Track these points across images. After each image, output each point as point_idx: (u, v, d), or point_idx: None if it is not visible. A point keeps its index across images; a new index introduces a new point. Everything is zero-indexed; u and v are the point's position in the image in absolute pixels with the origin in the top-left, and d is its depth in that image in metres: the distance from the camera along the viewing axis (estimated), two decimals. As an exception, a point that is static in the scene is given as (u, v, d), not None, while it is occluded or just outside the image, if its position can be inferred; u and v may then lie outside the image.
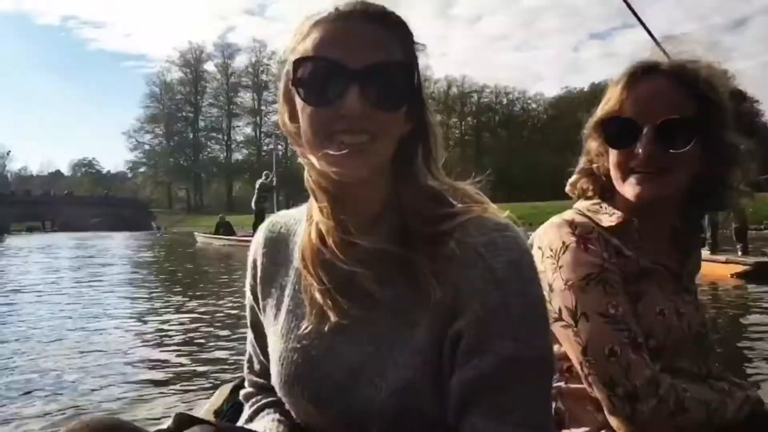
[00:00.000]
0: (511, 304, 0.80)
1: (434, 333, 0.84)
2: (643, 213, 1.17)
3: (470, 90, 76.15)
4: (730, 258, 8.00)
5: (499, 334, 0.80)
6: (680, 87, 1.12)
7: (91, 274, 11.23)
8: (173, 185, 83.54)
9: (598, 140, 1.21)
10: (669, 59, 1.16)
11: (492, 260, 0.82)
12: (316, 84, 0.82)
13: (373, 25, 0.83)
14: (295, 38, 0.87)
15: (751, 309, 5.66)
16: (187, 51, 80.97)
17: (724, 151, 1.14)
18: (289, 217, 1.05)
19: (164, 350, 4.46)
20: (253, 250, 1.07)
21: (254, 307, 1.06)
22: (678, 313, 1.17)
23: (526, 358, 0.80)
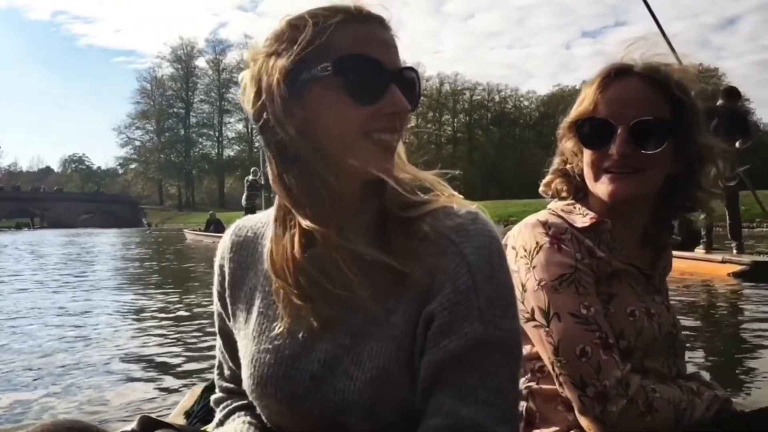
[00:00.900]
0: (481, 288, 0.83)
1: (410, 318, 0.85)
2: (615, 213, 1.18)
3: (462, 87, 76.31)
4: (726, 257, 7.96)
5: (468, 317, 0.82)
6: (653, 89, 1.13)
7: (76, 271, 11.17)
8: (164, 182, 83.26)
9: (572, 140, 1.22)
10: (677, 59, 1.18)
11: (463, 245, 0.84)
12: (362, 82, 0.84)
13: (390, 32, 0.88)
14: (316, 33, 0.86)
15: (749, 309, 5.65)
16: (179, 47, 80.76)
17: (696, 153, 1.16)
18: (256, 221, 1.05)
19: (148, 348, 4.43)
20: (219, 254, 1.06)
21: (222, 313, 1.06)
22: (649, 313, 1.18)
23: (493, 341, 0.82)
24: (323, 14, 0.85)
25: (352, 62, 0.83)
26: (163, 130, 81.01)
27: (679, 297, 6.22)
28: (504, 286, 0.85)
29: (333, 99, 0.83)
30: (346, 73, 0.83)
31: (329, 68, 0.83)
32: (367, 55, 0.83)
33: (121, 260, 14.59)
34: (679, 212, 1.24)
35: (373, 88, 0.84)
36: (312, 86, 0.84)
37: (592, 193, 1.20)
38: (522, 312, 1.14)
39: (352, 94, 0.83)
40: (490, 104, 77.10)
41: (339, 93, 0.83)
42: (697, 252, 8.44)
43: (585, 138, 1.18)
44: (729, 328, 4.98)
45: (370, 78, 0.83)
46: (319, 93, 0.84)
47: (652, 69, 1.15)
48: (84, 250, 18.83)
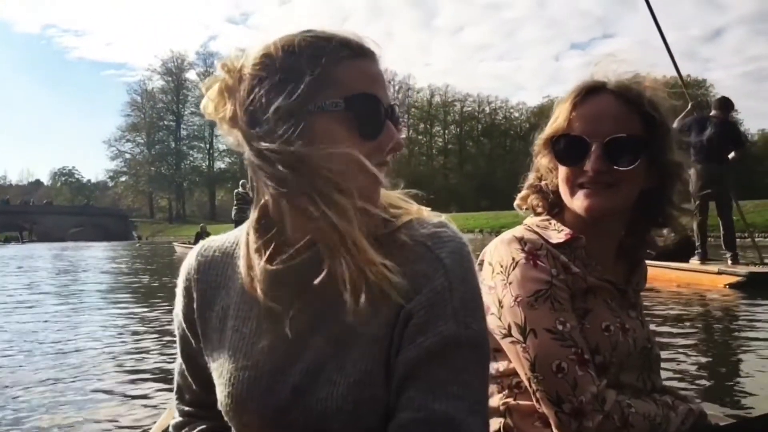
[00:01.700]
0: (455, 289, 0.87)
1: (389, 319, 0.88)
2: (591, 229, 1.20)
3: (453, 99, 76.81)
4: (722, 268, 7.90)
5: (443, 316, 0.86)
6: (626, 106, 1.15)
7: (62, 285, 11.10)
8: (155, 194, 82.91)
9: (547, 157, 1.24)
10: (676, 67, 1.20)
11: (438, 250, 0.89)
12: (368, 119, 0.89)
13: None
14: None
15: (743, 320, 5.62)
16: (169, 59, 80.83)
17: (667, 169, 1.18)
18: (223, 241, 1.05)
19: (134, 362, 4.40)
20: (184, 276, 1.04)
21: (187, 336, 1.04)
22: (624, 329, 1.19)
23: (464, 339, 0.85)
24: (327, 46, 0.88)
25: (362, 100, 0.87)
26: (154, 142, 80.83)
27: (675, 308, 6.21)
28: (474, 288, 0.90)
29: (341, 132, 0.86)
30: (355, 109, 0.87)
31: (341, 104, 0.86)
32: (373, 94, 0.88)
33: (107, 274, 14.47)
34: (652, 228, 1.25)
35: (376, 124, 0.89)
36: (318, 117, 0.86)
37: (568, 208, 1.21)
38: (499, 328, 1.15)
39: (359, 130, 0.87)
40: (481, 116, 77.59)
41: (347, 127, 0.87)
42: (692, 263, 8.39)
43: (560, 154, 1.19)
44: (721, 340, 4.96)
45: (375, 115, 0.89)
46: (325, 125, 0.86)
47: (625, 86, 1.16)
48: (70, 264, 18.70)
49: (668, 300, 6.85)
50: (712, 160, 8.14)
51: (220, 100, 0.92)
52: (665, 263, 8.59)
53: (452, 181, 71.93)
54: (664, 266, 8.59)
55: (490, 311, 1.16)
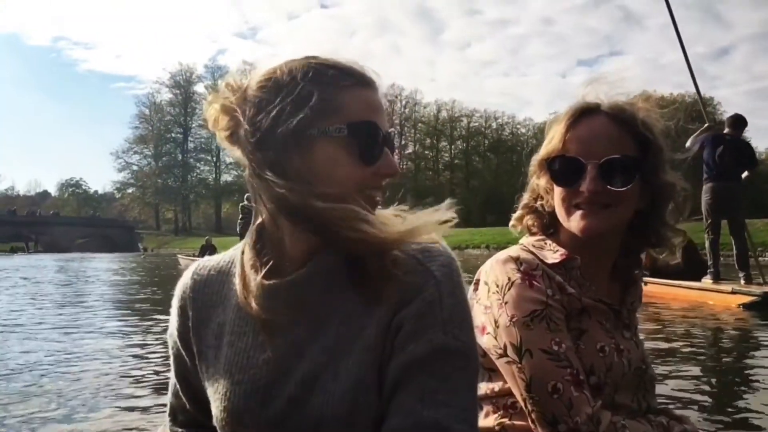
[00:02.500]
0: (445, 301, 0.90)
1: (381, 329, 0.90)
2: (586, 249, 1.20)
3: (460, 114, 76.94)
4: (736, 288, 7.69)
5: (432, 325, 0.88)
6: (619, 127, 1.16)
7: (64, 295, 11.10)
8: (161, 206, 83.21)
9: (543, 178, 1.25)
10: (695, 83, 1.21)
11: (429, 263, 0.93)
12: (369, 145, 0.93)
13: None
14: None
15: (758, 341, 5.49)
16: (177, 72, 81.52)
17: (660, 189, 1.19)
18: (218, 260, 1.07)
19: (131, 376, 4.36)
20: (179, 296, 1.07)
21: (182, 355, 1.06)
22: (618, 349, 1.19)
23: (453, 349, 0.88)
24: (331, 73, 0.92)
25: (364, 127, 0.91)
26: (161, 154, 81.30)
27: (686, 328, 6.10)
28: (463, 301, 0.93)
29: (340, 157, 0.90)
30: (358, 136, 0.90)
31: (344, 130, 0.89)
32: (374, 122, 0.92)
33: (109, 285, 14.49)
34: (645, 247, 1.26)
35: (375, 150, 0.92)
36: (320, 141, 0.90)
37: (563, 228, 1.22)
38: (495, 348, 1.15)
39: (359, 155, 0.91)
40: (488, 131, 77.69)
41: (346, 152, 0.90)
42: (704, 282, 8.24)
43: (556, 175, 1.20)
44: (732, 361, 4.86)
45: (374, 142, 0.92)
46: (327, 149, 0.90)
47: (619, 108, 1.18)
48: (73, 275, 18.73)
49: (680, 319, 6.73)
50: (725, 179, 8.03)
51: (222, 116, 0.95)
52: (677, 282, 8.46)
53: (458, 196, 71.65)
54: (676, 285, 8.45)
55: (486, 331, 1.16)
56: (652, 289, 8.98)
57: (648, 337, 5.72)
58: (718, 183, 8.06)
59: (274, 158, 0.90)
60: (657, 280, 8.83)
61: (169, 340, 1.08)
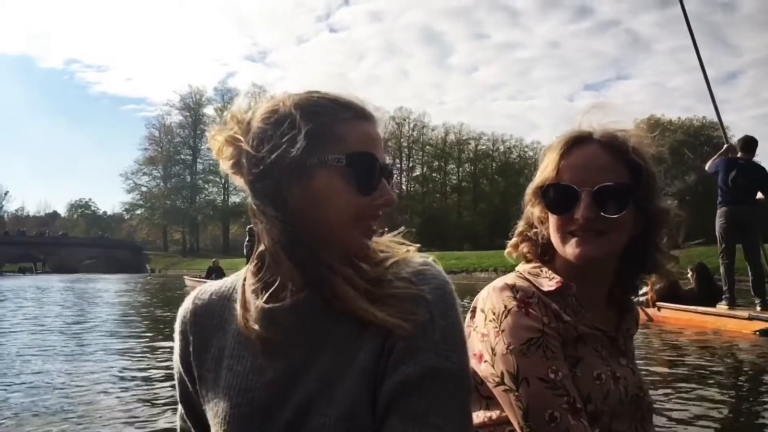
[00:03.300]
0: (437, 323, 0.92)
1: (374, 351, 0.92)
2: (582, 276, 1.21)
3: (467, 137, 77.07)
4: (753, 314, 7.51)
5: (424, 347, 0.90)
6: (612, 155, 1.18)
7: (65, 317, 11.03)
8: (169, 227, 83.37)
9: (538, 206, 1.26)
10: (715, 108, 1.15)
11: (421, 286, 0.95)
12: (366, 176, 0.96)
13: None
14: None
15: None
16: (188, 95, 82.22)
17: (654, 215, 1.20)
18: (220, 285, 1.10)
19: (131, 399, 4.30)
20: (180, 320, 1.09)
21: (184, 379, 1.08)
22: (615, 377, 1.19)
23: (445, 371, 0.90)
24: (332, 106, 0.96)
25: (362, 158, 0.94)
26: (170, 176, 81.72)
27: (703, 354, 5.93)
28: (456, 323, 0.94)
29: (339, 187, 0.93)
30: (355, 166, 0.94)
31: (343, 160, 0.93)
32: (372, 153, 0.95)
33: (113, 306, 14.46)
34: (641, 274, 1.27)
35: (372, 181, 0.96)
36: (319, 171, 0.93)
37: (559, 255, 1.23)
38: (492, 376, 1.15)
39: (357, 185, 0.94)
40: (495, 154, 77.74)
41: (345, 182, 0.93)
42: (719, 308, 8.07)
43: (550, 203, 1.21)
44: (749, 389, 4.74)
45: (372, 172, 0.96)
46: (325, 178, 0.93)
47: (611, 135, 1.19)
48: (77, 295, 18.76)
49: (695, 346, 6.55)
50: (739, 203, 7.91)
51: (226, 146, 0.98)
52: (692, 308, 8.28)
53: (466, 218, 71.82)
54: (691, 310, 8.27)
55: (483, 359, 1.16)
56: (667, 314, 8.80)
57: (663, 364, 5.56)
58: (732, 207, 7.93)
59: (275, 188, 0.93)
60: (672, 306, 8.66)
61: (174, 366, 1.10)
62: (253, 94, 1.02)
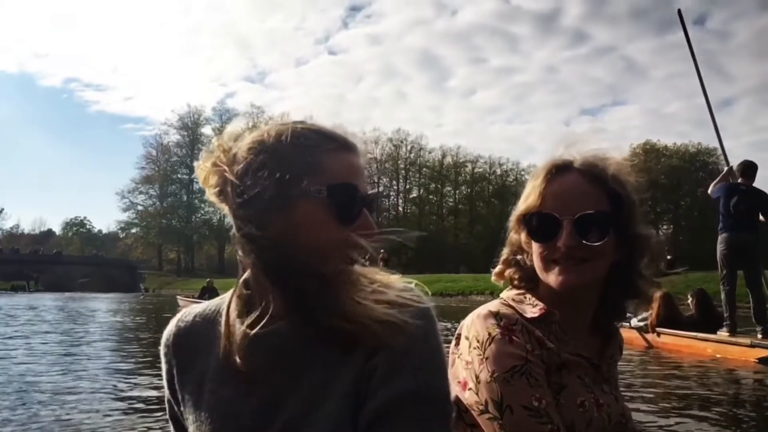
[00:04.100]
0: (416, 348, 0.94)
1: (356, 375, 0.93)
2: (565, 303, 1.22)
3: (464, 160, 77.30)
4: (756, 341, 7.45)
5: (404, 371, 0.92)
6: (592, 183, 1.19)
7: (48, 335, 10.90)
8: (164, 246, 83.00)
9: (521, 233, 1.27)
10: (717, 133, 1.16)
11: (403, 310, 0.96)
12: (347, 206, 0.98)
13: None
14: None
15: None
16: (186, 114, 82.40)
17: (635, 242, 1.21)
18: (204, 308, 1.11)
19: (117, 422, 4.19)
20: (164, 342, 1.10)
21: (171, 400, 1.09)
22: (598, 404, 1.20)
23: (424, 395, 0.91)
24: (315, 137, 0.97)
25: (343, 189, 0.96)
26: (166, 195, 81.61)
27: (704, 382, 5.81)
28: (435, 348, 0.96)
29: (320, 218, 0.95)
30: (336, 197, 0.95)
31: (324, 191, 0.94)
32: (353, 184, 0.97)
33: (101, 326, 14.26)
34: (624, 300, 1.27)
35: (353, 211, 0.97)
36: (301, 202, 0.94)
37: (542, 282, 1.23)
38: (477, 404, 1.15)
39: (338, 216, 0.95)
40: (492, 177, 77.92)
41: (326, 213, 0.95)
42: (720, 335, 7.99)
43: (533, 231, 1.23)
44: (750, 419, 4.65)
45: (353, 204, 0.97)
46: (307, 209, 0.95)
47: (590, 164, 1.21)
48: (67, 314, 18.53)
49: (696, 373, 6.43)
50: (740, 229, 7.87)
51: (212, 174, 1.00)
52: (693, 334, 8.18)
53: (462, 241, 71.73)
54: (692, 337, 8.16)
55: (467, 386, 1.16)
56: (667, 340, 8.70)
57: (663, 391, 5.45)
58: (733, 233, 7.89)
59: (257, 217, 0.95)
60: (672, 332, 8.56)
61: (164, 383, 1.11)
62: (251, 114, 1.04)
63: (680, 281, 17.46)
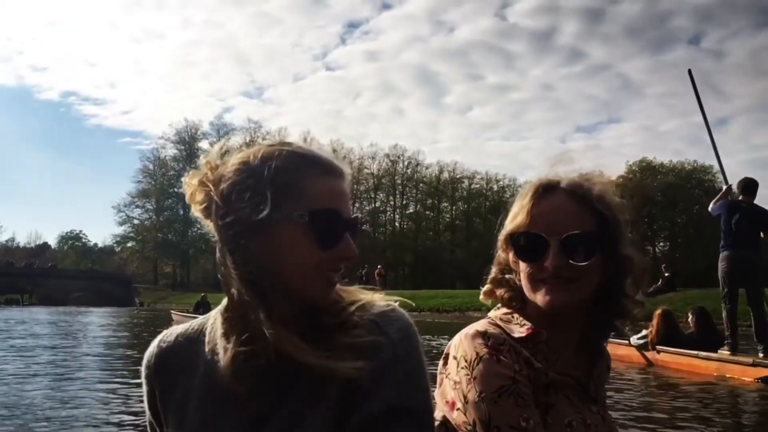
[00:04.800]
0: (400, 362, 0.97)
1: (341, 389, 0.95)
2: (552, 323, 1.22)
3: (461, 176, 77.37)
4: (758, 360, 7.38)
5: (387, 385, 0.95)
6: (578, 203, 1.20)
7: (33, 351, 10.78)
8: (160, 261, 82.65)
9: (509, 253, 1.27)
10: (717, 158, 1.18)
11: (386, 327, 1.00)
12: (328, 231, 0.99)
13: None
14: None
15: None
16: (183, 129, 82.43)
17: (620, 262, 1.22)
18: (187, 328, 1.11)
19: None
20: (145, 363, 1.10)
21: (153, 422, 1.09)
22: (585, 424, 1.20)
23: (406, 408, 0.94)
24: (300, 161, 0.98)
25: (324, 215, 0.97)
26: (163, 209, 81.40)
27: (706, 401, 5.70)
28: (418, 363, 0.99)
29: (301, 241, 0.96)
30: (318, 223, 0.96)
31: (306, 216, 0.96)
32: (336, 210, 0.99)
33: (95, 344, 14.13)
34: (611, 319, 1.27)
35: (334, 236, 0.99)
36: (283, 225, 0.96)
37: (530, 301, 1.24)
38: (465, 424, 1.15)
39: (318, 240, 0.96)
40: (489, 193, 77.95)
41: (307, 237, 0.96)
42: (721, 353, 7.90)
43: (520, 251, 1.23)
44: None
45: (334, 228, 0.99)
46: (288, 232, 0.96)
47: (576, 185, 1.22)
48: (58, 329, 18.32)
49: (697, 392, 6.31)
50: (741, 247, 7.79)
51: (199, 192, 1.01)
52: (694, 352, 8.08)
53: (459, 257, 71.56)
54: (693, 355, 8.06)
55: (456, 407, 1.16)
56: (667, 358, 8.60)
57: (664, 409, 5.34)
58: (734, 251, 7.82)
59: (239, 238, 0.96)
60: (672, 350, 8.47)
61: (145, 405, 1.11)
62: (249, 129, 1.01)
63: (678, 299, 17.36)
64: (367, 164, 74.86)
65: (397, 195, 76.46)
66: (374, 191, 75.23)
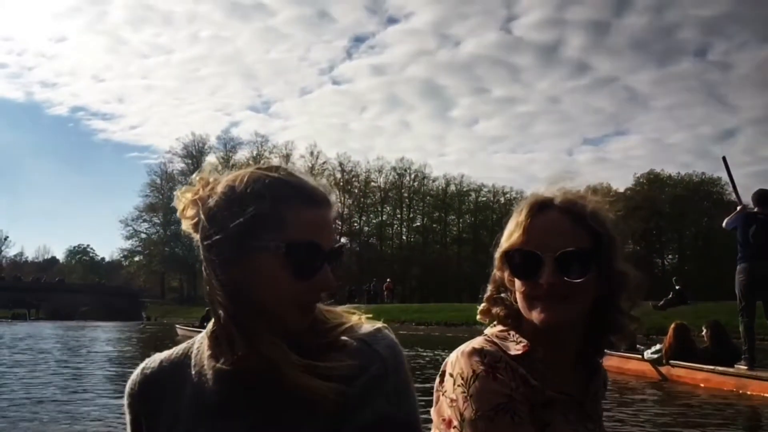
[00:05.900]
0: (388, 376, 0.99)
1: (332, 405, 0.96)
2: (547, 340, 1.22)
3: (468, 189, 77.24)
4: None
5: (377, 396, 0.97)
6: (572, 220, 1.21)
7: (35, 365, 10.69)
8: (167, 275, 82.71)
9: (505, 271, 1.27)
10: (734, 188, 1.19)
11: (375, 345, 1.02)
12: (306, 262, 0.99)
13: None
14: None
15: None
16: (190, 143, 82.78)
17: (614, 279, 1.22)
18: (170, 353, 1.12)
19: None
20: (128, 392, 1.10)
21: None
22: None
23: (396, 419, 0.97)
24: (283, 191, 0.98)
25: (302, 248, 0.97)
26: (170, 223, 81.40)
27: (724, 420, 5.48)
28: (406, 379, 1.03)
29: (278, 272, 0.96)
30: (295, 255, 0.96)
31: (282, 248, 0.95)
32: (315, 242, 0.98)
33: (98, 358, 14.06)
34: (606, 335, 1.27)
35: (312, 267, 0.98)
36: (260, 254, 0.96)
37: (526, 319, 1.23)
38: None
39: (295, 272, 0.96)
40: (496, 206, 77.68)
41: (284, 267, 0.96)
42: (738, 368, 7.70)
43: (515, 269, 1.24)
44: None
45: (312, 260, 0.98)
46: (265, 262, 0.96)
47: (570, 202, 1.23)
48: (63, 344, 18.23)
49: (715, 409, 6.10)
50: (759, 258, 7.61)
51: (190, 208, 1.03)
52: (710, 367, 7.87)
53: (466, 269, 71.20)
54: (709, 370, 7.84)
55: (452, 425, 1.16)
56: (682, 373, 8.39)
57: (680, 427, 5.13)
58: (751, 263, 7.66)
59: (219, 263, 0.97)
60: (686, 364, 8.27)
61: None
62: (256, 143, 0.99)
63: (690, 312, 17.08)
64: (374, 177, 74.97)
65: (404, 208, 76.36)
66: (381, 204, 75.18)
